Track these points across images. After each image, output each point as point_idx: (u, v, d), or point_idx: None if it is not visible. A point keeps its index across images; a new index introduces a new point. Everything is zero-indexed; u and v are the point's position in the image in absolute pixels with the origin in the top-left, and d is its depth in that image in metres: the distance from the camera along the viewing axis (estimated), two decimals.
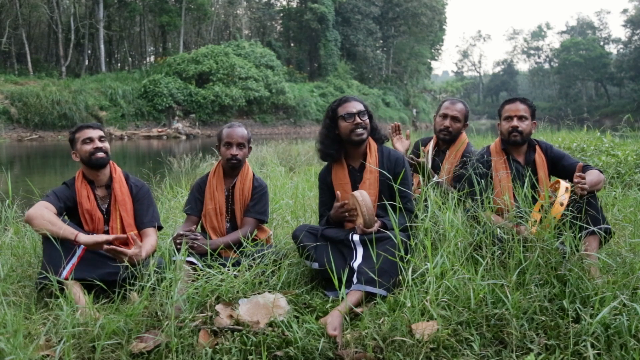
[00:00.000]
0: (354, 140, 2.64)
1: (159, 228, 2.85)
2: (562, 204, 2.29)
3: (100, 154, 2.66)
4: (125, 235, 2.43)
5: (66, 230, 2.41)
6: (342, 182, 2.71)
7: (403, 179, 2.58)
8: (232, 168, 2.91)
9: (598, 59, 60.46)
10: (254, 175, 2.98)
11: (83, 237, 2.41)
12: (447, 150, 3.27)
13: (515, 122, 2.75)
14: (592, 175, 2.51)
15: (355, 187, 2.66)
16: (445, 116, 3.26)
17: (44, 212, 2.46)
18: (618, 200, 3.66)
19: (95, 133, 2.70)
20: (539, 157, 2.80)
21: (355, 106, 2.66)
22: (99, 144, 2.67)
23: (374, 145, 2.74)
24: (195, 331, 1.99)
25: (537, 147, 2.83)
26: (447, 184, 3.03)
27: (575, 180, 2.42)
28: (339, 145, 2.72)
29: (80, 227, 2.63)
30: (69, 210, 2.69)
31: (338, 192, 2.56)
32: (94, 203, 2.68)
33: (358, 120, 2.62)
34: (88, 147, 2.66)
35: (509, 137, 2.78)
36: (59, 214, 2.57)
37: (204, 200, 2.93)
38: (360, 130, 2.63)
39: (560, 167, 2.76)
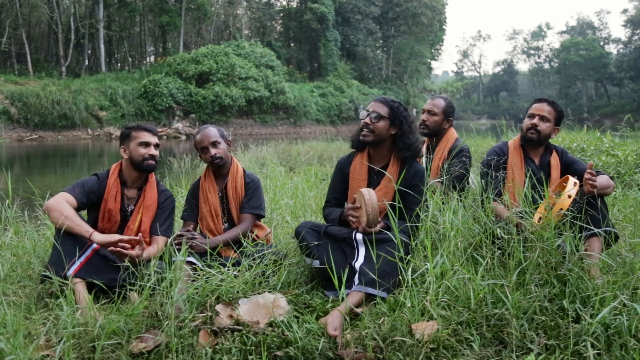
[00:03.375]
0: (360, 139, 2.65)
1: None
2: (569, 196, 2.32)
3: (152, 162, 2.69)
4: (137, 238, 2.43)
5: (82, 227, 2.42)
6: (358, 178, 2.70)
7: (417, 192, 2.56)
8: (218, 168, 2.91)
9: (598, 59, 60.38)
10: (244, 171, 2.98)
11: (97, 237, 2.41)
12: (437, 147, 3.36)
13: (535, 120, 2.80)
14: (603, 179, 2.52)
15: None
16: (423, 112, 3.40)
17: (63, 206, 2.46)
18: (618, 200, 3.66)
19: (153, 139, 2.72)
20: (554, 160, 2.84)
21: (372, 106, 2.65)
22: (154, 152, 2.69)
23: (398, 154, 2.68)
24: (195, 331, 1.99)
25: (554, 151, 2.87)
26: (433, 179, 3.06)
27: (586, 176, 2.43)
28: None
29: (97, 221, 2.65)
30: (92, 204, 2.69)
31: (355, 195, 2.51)
32: (118, 205, 2.69)
33: (366, 120, 2.61)
34: (143, 151, 2.67)
35: (526, 134, 2.82)
36: (80, 208, 2.58)
37: (199, 204, 2.94)
38: (364, 132, 2.62)
39: (572, 170, 2.79)
